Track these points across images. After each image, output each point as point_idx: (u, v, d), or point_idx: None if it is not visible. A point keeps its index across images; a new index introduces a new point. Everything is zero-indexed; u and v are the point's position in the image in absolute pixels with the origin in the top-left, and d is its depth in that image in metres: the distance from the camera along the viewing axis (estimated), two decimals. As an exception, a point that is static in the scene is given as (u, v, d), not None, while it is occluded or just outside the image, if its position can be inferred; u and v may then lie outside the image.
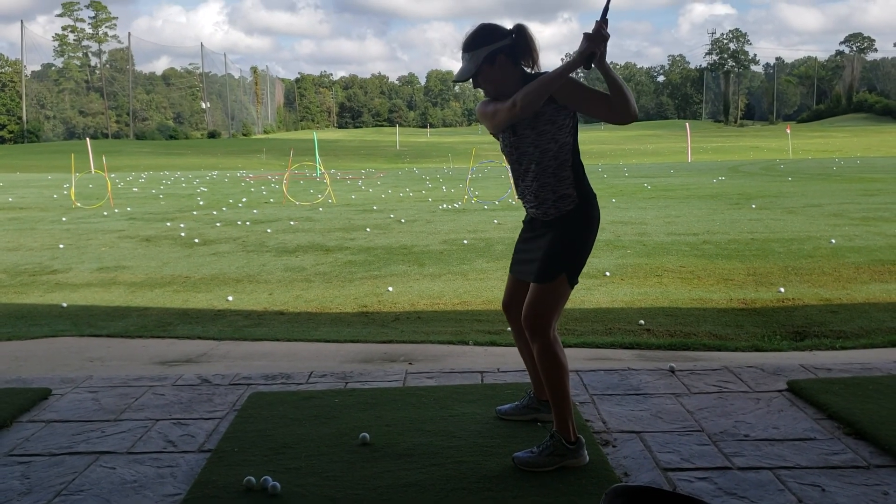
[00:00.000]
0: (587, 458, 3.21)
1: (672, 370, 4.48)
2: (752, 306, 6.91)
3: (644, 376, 4.41)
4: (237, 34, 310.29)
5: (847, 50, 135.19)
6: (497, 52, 3.17)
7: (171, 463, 3.36)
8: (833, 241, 10.20)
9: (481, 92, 3.34)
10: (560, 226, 3.23)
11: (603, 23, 2.95)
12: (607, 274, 8.29)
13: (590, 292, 7.47)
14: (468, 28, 3.26)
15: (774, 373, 4.40)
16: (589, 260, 3.36)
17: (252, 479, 3.06)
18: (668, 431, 3.56)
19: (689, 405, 3.90)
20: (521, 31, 3.21)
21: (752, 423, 3.64)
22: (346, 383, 4.42)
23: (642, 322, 6.34)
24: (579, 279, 3.34)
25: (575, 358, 5.09)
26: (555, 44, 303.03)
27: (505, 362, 4.90)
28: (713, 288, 7.64)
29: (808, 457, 3.24)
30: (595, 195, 3.31)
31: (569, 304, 6.96)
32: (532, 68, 3.25)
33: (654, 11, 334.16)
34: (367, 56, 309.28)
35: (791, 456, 3.25)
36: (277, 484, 3.04)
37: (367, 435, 3.48)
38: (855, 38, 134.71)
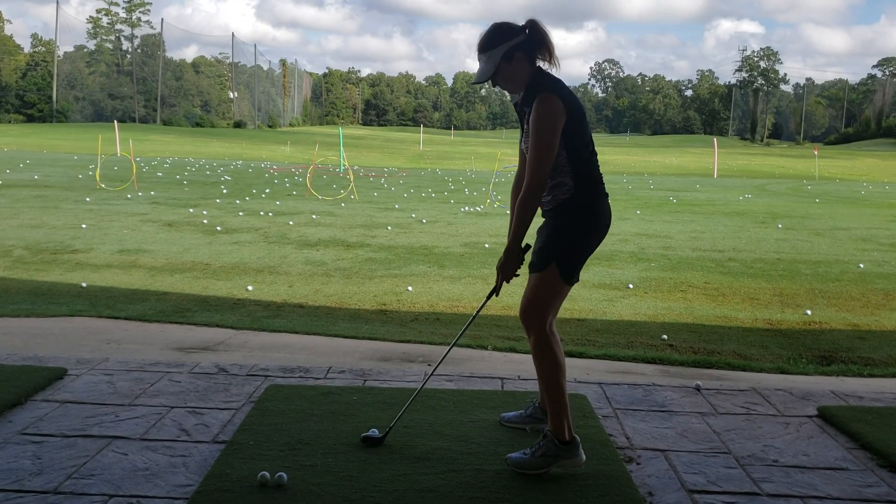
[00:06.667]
0: (583, 458, 3.16)
1: (698, 388, 4.37)
2: (777, 327, 6.77)
3: (669, 393, 4.30)
4: (264, 26, 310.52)
5: (879, 74, 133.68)
6: (513, 49, 3.19)
7: (184, 452, 3.30)
8: (861, 265, 10.02)
9: (507, 94, 3.31)
10: (558, 217, 3.22)
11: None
12: (630, 286, 8.17)
13: (612, 304, 7.36)
14: (482, 30, 3.28)
15: (804, 397, 4.28)
16: (611, 271, 3.28)
17: (266, 474, 2.99)
18: (694, 451, 3.45)
19: (716, 426, 3.79)
20: (533, 27, 3.21)
21: (782, 448, 3.52)
22: (365, 381, 4.35)
23: (665, 337, 6.23)
24: (602, 288, 3.26)
25: (596, 370, 5.00)
26: (581, 52, 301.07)
27: (525, 370, 4.81)
28: (738, 306, 7.50)
29: (840, 487, 3.12)
30: (603, 193, 3.25)
31: (590, 315, 6.90)
32: (549, 62, 3.23)
33: (680, 25, 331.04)
34: (394, 54, 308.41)
35: (822, 485, 3.14)
36: (284, 475, 2.98)
37: (376, 430, 3.41)
38: (889, 63, 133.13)
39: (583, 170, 3.19)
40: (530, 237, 3.20)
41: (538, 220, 3.34)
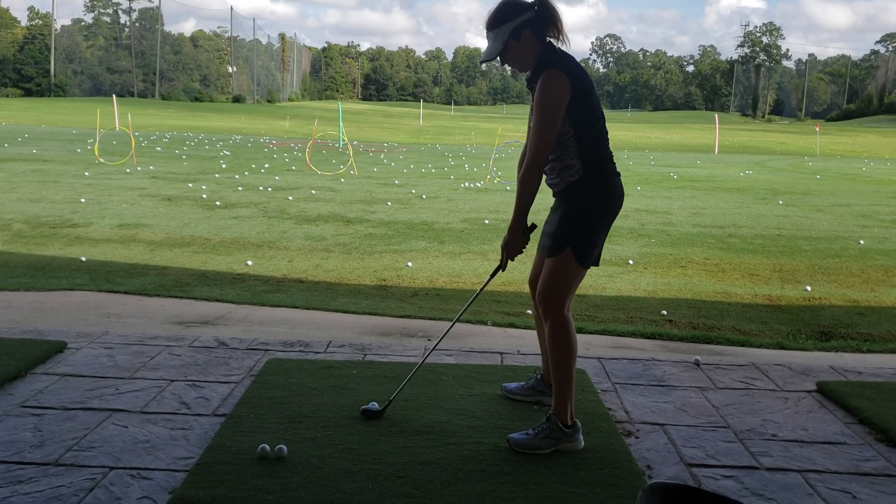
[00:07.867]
0: (582, 442, 3.17)
1: (697, 363, 4.38)
2: (777, 303, 6.78)
3: (668, 368, 4.31)
4: (262, 0, 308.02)
5: (882, 50, 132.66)
6: (521, 27, 3.14)
7: (185, 425, 3.31)
8: (861, 242, 10.01)
9: (508, 69, 3.28)
10: (568, 199, 3.19)
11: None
12: (630, 262, 8.17)
13: (612, 279, 7.36)
14: (490, 7, 3.24)
15: (803, 372, 4.29)
16: (611, 247, 3.28)
17: (266, 446, 3.00)
18: (692, 426, 3.46)
19: (715, 400, 3.80)
20: (542, 3, 3.16)
21: (780, 422, 3.54)
22: (365, 355, 4.36)
23: (664, 312, 6.24)
24: (601, 264, 3.25)
25: (595, 345, 5.00)
26: (582, 26, 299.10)
27: (525, 345, 4.82)
28: (738, 282, 7.50)
29: (839, 461, 3.14)
30: (613, 173, 3.21)
31: (590, 291, 6.90)
32: (558, 39, 3.19)
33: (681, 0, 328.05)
34: (393, 29, 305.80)
35: (821, 459, 3.15)
36: (284, 447, 2.99)
37: (375, 404, 3.43)
38: (891, 38, 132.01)
39: (590, 150, 3.15)
40: (534, 215, 3.17)
41: (550, 200, 3.31)
